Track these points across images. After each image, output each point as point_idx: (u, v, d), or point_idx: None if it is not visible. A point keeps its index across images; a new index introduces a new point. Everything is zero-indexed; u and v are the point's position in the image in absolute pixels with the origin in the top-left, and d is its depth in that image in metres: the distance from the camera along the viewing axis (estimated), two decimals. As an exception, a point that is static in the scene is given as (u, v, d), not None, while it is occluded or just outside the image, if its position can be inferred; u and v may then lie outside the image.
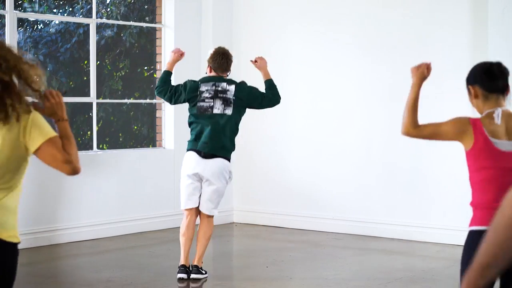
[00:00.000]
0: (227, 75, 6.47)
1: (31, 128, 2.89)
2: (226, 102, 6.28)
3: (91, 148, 8.71)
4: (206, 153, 6.22)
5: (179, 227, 6.53)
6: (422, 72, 3.85)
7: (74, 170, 2.93)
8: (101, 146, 9.59)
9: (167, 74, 6.59)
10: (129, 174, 8.46)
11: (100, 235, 8.12)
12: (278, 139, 8.98)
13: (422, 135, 3.63)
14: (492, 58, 7.05)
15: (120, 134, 10.17)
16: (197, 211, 6.32)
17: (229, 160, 6.33)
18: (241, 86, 6.41)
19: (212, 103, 6.27)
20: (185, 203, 6.29)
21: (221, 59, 6.38)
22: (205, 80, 6.39)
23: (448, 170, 7.81)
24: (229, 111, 6.27)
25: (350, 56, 8.47)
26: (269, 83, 6.67)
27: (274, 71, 9.04)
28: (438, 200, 7.90)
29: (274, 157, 9.01)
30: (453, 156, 7.81)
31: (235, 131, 6.36)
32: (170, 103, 6.56)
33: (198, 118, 6.29)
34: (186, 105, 9.22)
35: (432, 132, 3.58)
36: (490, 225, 1.86)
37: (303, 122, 8.85)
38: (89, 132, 9.59)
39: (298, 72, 8.87)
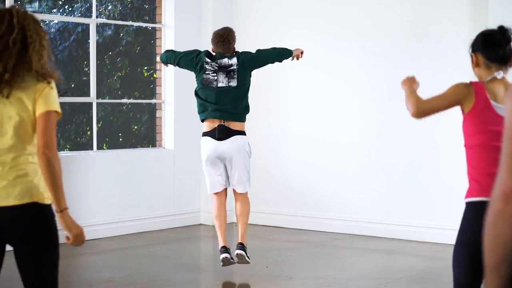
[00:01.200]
0: (232, 53, 6.50)
1: (40, 95, 3.07)
2: (229, 75, 6.34)
3: (91, 148, 8.71)
4: (221, 134, 6.26)
5: (179, 227, 6.55)
6: (411, 82, 3.66)
7: (46, 156, 3.05)
8: (101, 146, 9.58)
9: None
10: (129, 174, 8.46)
11: (100, 235, 8.12)
12: (278, 139, 8.98)
13: (430, 107, 3.42)
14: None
15: (120, 134, 10.16)
16: (225, 190, 6.50)
17: (244, 134, 6.38)
18: (243, 53, 6.49)
19: (216, 77, 6.35)
20: (212, 188, 6.44)
21: (222, 42, 6.42)
22: (208, 54, 6.46)
23: (449, 170, 7.81)
24: (233, 83, 6.35)
25: (351, 56, 8.47)
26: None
27: (274, 71, 9.05)
28: (439, 200, 7.90)
29: (274, 157, 9.01)
30: (454, 156, 7.82)
31: (245, 97, 6.45)
32: (172, 63, 6.56)
33: (204, 87, 6.38)
34: (186, 105, 9.26)
35: (437, 102, 3.40)
36: (486, 223, 1.82)
37: (304, 122, 8.85)
38: (89, 132, 9.58)
39: (299, 72, 8.86)
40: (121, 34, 9.89)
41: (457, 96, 3.30)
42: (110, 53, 9.97)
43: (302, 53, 6.79)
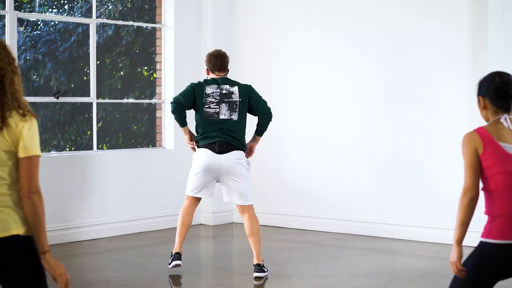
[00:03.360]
0: (226, 74, 6.50)
1: (21, 137, 3.00)
2: (232, 107, 6.33)
3: (91, 148, 8.71)
4: (222, 147, 6.30)
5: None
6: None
7: (31, 199, 3.01)
8: (101, 146, 9.59)
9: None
10: (129, 174, 8.46)
11: (100, 235, 8.12)
12: (278, 139, 8.98)
13: (471, 181, 3.44)
14: (492, 58, 7.07)
15: (120, 134, 10.16)
16: (199, 201, 6.55)
17: (243, 150, 6.41)
18: (245, 87, 6.48)
19: (218, 109, 6.33)
20: (192, 191, 6.45)
21: (216, 59, 6.47)
22: (209, 82, 6.42)
23: (449, 170, 7.81)
24: (235, 116, 6.34)
25: (350, 56, 8.47)
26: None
27: (275, 71, 9.05)
28: (439, 200, 7.90)
29: (274, 157, 9.01)
30: (454, 156, 7.82)
31: (244, 129, 6.44)
32: (187, 108, 6.48)
33: (204, 121, 6.34)
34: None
35: (474, 171, 3.42)
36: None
37: (304, 122, 8.85)
38: (89, 132, 9.59)
39: (299, 72, 8.87)
40: (122, 34, 9.89)
41: (473, 146, 3.36)
42: (110, 53, 9.97)
43: (250, 153, 6.61)
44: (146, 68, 10.04)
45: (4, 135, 3.00)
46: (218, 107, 6.33)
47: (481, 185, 3.43)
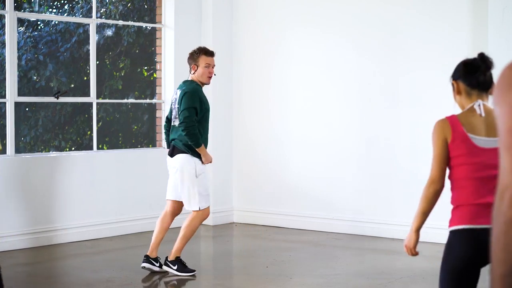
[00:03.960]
0: (189, 75, 6.51)
1: None
2: (177, 113, 6.39)
3: (91, 148, 8.71)
4: (169, 151, 6.50)
5: (179, 227, 6.56)
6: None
7: None
8: (101, 146, 9.58)
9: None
10: (129, 174, 8.46)
11: (100, 235, 8.13)
12: (278, 139, 8.98)
13: (436, 170, 3.42)
14: (492, 57, 7.06)
15: (120, 134, 10.16)
16: (176, 205, 6.58)
17: (186, 153, 6.34)
18: (181, 92, 6.34)
19: (174, 114, 6.44)
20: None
21: None
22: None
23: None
24: (177, 122, 6.39)
25: (350, 56, 8.47)
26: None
27: (274, 71, 9.05)
28: (438, 200, 7.87)
29: (274, 157, 9.01)
30: (453, 156, 7.82)
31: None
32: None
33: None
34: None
35: (441, 162, 3.39)
36: (492, 232, 1.79)
37: (303, 122, 8.85)
38: (89, 132, 9.58)
39: (298, 72, 8.87)
40: (123, 35, 9.89)
41: (443, 134, 3.31)
42: (110, 53, 9.97)
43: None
44: (146, 68, 10.04)
45: None
46: (175, 112, 6.39)
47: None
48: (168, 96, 9.01)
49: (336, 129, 8.59)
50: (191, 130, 6.16)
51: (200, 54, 6.40)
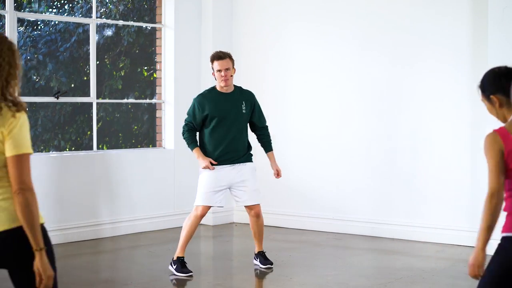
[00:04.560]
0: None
1: (10, 134, 2.95)
2: None
3: (91, 148, 8.71)
4: None
5: (179, 227, 6.57)
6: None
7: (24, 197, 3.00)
8: (101, 146, 9.58)
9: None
10: (129, 174, 8.46)
11: (100, 235, 8.12)
12: (278, 139, 8.97)
13: (494, 182, 3.37)
14: (492, 58, 7.06)
15: (120, 134, 10.16)
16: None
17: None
18: None
19: None
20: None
21: None
22: None
23: (448, 170, 7.81)
24: None
25: (350, 56, 8.47)
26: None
27: (274, 71, 9.05)
28: (438, 200, 7.89)
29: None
30: (453, 156, 7.82)
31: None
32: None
33: None
34: (185, 105, 9.28)
35: (499, 174, 3.31)
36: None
37: (303, 122, 8.84)
38: (89, 132, 9.59)
39: (298, 72, 8.87)
40: (122, 35, 9.90)
41: (496, 145, 3.27)
42: (110, 53, 9.97)
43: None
44: (146, 68, 10.04)
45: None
46: None
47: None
48: (168, 96, 9.02)
49: (336, 129, 8.59)
50: (182, 135, 6.56)
51: (212, 61, 6.49)
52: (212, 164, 6.43)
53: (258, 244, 6.72)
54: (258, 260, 6.69)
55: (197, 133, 6.57)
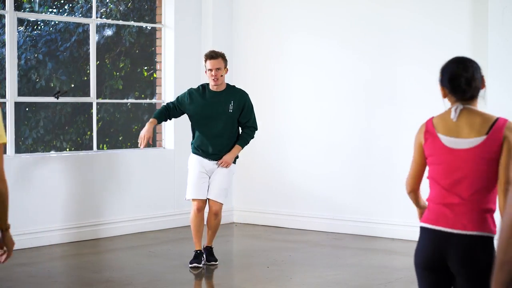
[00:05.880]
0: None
1: None
2: None
3: (91, 148, 8.71)
4: None
5: (179, 227, 6.59)
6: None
7: None
8: (101, 146, 9.59)
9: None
10: (129, 174, 8.46)
11: (99, 235, 8.12)
12: (278, 139, 8.98)
13: (411, 175, 3.60)
14: (492, 58, 7.07)
15: (120, 134, 10.17)
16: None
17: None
18: None
19: None
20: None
21: None
22: None
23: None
24: None
25: (349, 56, 8.47)
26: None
27: (274, 71, 9.05)
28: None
29: (274, 157, 9.01)
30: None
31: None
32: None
33: None
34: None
35: (416, 166, 3.52)
36: (500, 222, 2.09)
37: (303, 121, 8.84)
38: (89, 132, 9.59)
39: (298, 72, 8.87)
40: (122, 35, 9.90)
41: (419, 137, 3.37)
42: (110, 53, 9.98)
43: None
44: (146, 68, 10.05)
45: None
46: None
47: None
48: (168, 96, 9.02)
49: (335, 129, 8.59)
50: None
51: (205, 60, 6.64)
52: (197, 154, 6.67)
53: (209, 239, 6.81)
54: (205, 255, 6.77)
55: (170, 116, 6.78)
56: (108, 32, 9.90)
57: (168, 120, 6.86)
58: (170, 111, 6.73)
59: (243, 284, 6.28)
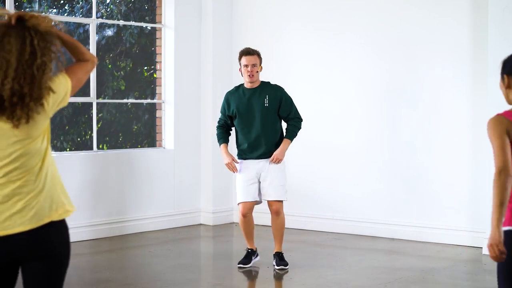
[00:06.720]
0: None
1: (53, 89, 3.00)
2: None
3: (91, 148, 8.71)
4: None
5: (179, 227, 6.59)
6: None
7: (94, 65, 3.17)
8: (101, 146, 9.59)
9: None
10: (129, 174, 8.46)
11: (100, 235, 8.12)
12: (278, 139, 8.97)
13: (509, 161, 3.31)
14: (492, 58, 7.06)
15: (120, 134, 10.17)
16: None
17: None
18: None
19: None
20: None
21: None
22: None
23: (448, 170, 7.81)
24: None
25: (350, 56, 8.47)
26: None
27: (274, 70, 9.05)
28: (438, 200, 7.89)
29: (274, 157, 8.99)
30: (453, 156, 7.82)
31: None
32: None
33: None
34: (186, 105, 9.26)
35: (506, 151, 3.28)
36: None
37: (304, 122, 8.83)
38: (89, 132, 9.59)
39: (298, 72, 8.87)
40: (123, 35, 9.89)
41: (503, 125, 3.24)
42: (110, 53, 9.97)
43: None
44: (146, 68, 10.05)
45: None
46: None
47: None
48: (168, 96, 9.02)
49: (336, 128, 8.58)
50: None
51: (240, 56, 6.65)
52: (239, 159, 6.63)
53: (276, 244, 6.69)
54: (274, 260, 6.68)
55: (229, 129, 6.81)
56: (109, 32, 9.90)
57: (231, 132, 6.83)
58: (225, 126, 6.75)
59: (243, 284, 6.28)
